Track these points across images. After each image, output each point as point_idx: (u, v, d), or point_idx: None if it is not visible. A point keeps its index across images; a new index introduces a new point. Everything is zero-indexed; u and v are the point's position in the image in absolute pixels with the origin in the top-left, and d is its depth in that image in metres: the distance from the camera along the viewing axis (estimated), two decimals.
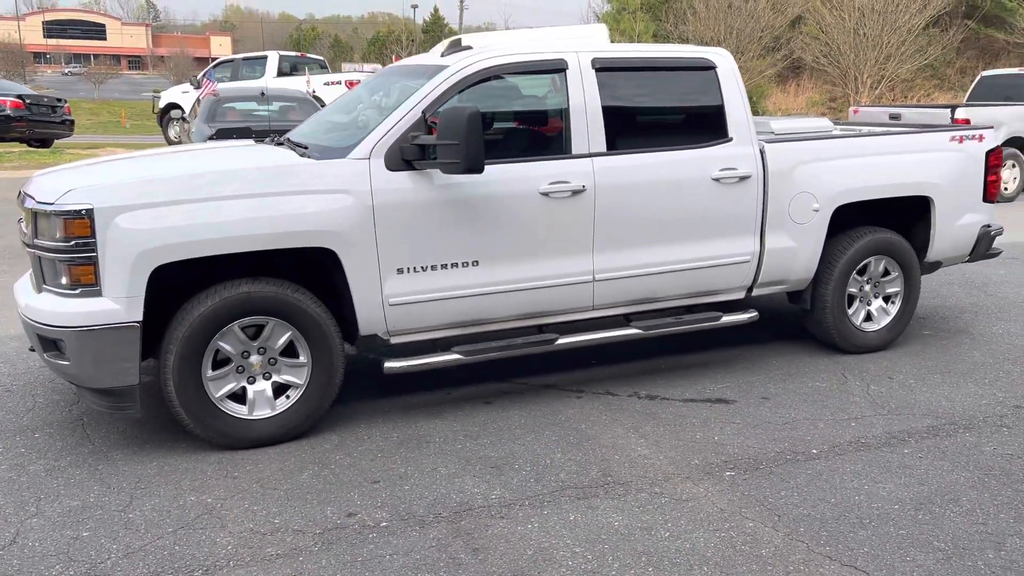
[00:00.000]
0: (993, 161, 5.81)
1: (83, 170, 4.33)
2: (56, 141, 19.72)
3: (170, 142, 20.03)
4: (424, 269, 4.36)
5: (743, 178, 5.00)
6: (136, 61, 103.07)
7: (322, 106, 12.40)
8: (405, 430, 4.40)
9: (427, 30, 74.35)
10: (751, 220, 5.08)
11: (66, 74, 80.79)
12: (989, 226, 5.92)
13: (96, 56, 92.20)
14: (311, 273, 4.34)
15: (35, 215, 3.92)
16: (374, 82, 5.55)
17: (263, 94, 11.69)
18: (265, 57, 19.61)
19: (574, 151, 4.64)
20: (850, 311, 5.56)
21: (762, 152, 5.09)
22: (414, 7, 72.27)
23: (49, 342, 3.95)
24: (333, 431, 4.38)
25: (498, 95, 4.72)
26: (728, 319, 5.15)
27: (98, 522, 3.46)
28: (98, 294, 3.83)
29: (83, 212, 3.77)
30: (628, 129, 4.83)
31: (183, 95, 19.67)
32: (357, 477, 3.87)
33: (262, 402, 4.19)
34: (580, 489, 3.74)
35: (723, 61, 5.12)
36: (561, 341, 4.73)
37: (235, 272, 4.10)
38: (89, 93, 53.17)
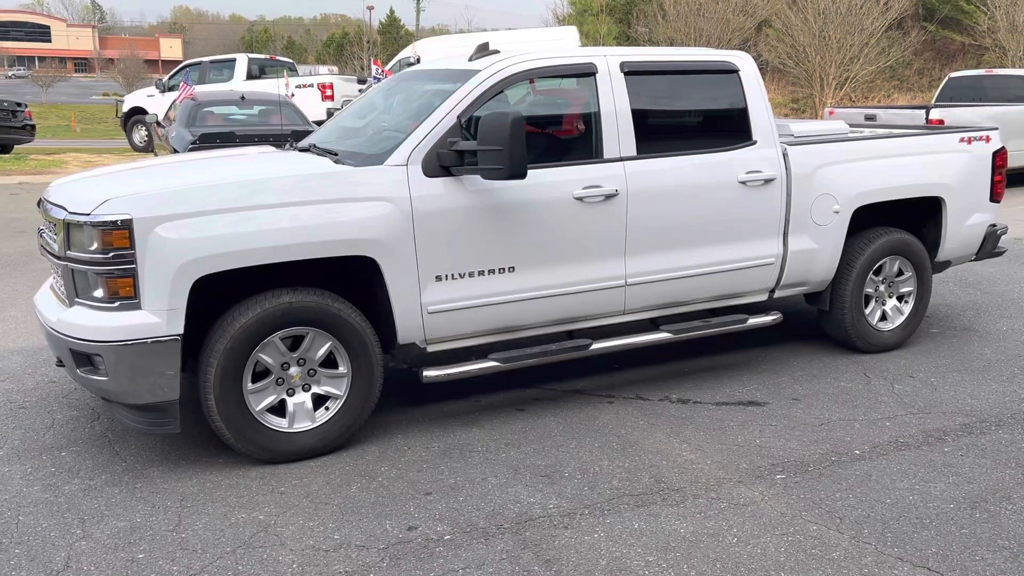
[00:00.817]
0: (999, 162, 5.92)
1: (114, 178, 4.19)
2: (16, 147, 19.16)
3: (135, 148, 19.60)
4: (462, 276, 4.30)
5: (768, 181, 5.02)
6: (83, 64, 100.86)
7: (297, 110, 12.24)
8: (444, 439, 4.34)
9: (383, 32, 73.95)
10: (775, 222, 5.11)
11: (10, 77, 78.74)
12: (995, 225, 6.04)
13: (41, 59, 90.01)
14: (343, 282, 4.26)
15: (68, 226, 3.79)
16: (390, 87, 5.48)
17: (243, 98, 11.49)
18: (234, 60, 19.28)
19: (605, 155, 4.62)
20: (867, 311, 5.62)
21: (785, 155, 5.12)
22: (369, 8, 71.69)
23: (83, 357, 3.82)
24: (371, 442, 4.30)
25: (530, 99, 4.67)
26: (754, 321, 5.18)
27: (151, 543, 3.35)
28: (137, 307, 3.71)
29: (122, 222, 3.65)
30: (656, 133, 4.83)
31: (148, 99, 19.24)
32: (408, 489, 3.80)
33: (302, 414, 4.10)
34: (636, 496, 3.72)
35: (745, 64, 5.14)
36: (595, 346, 4.70)
37: (268, 282, 4.00)
38: (36, 96, 51.85)
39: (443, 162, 4.21)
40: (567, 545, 3.33)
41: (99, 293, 3.74)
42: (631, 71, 4.75)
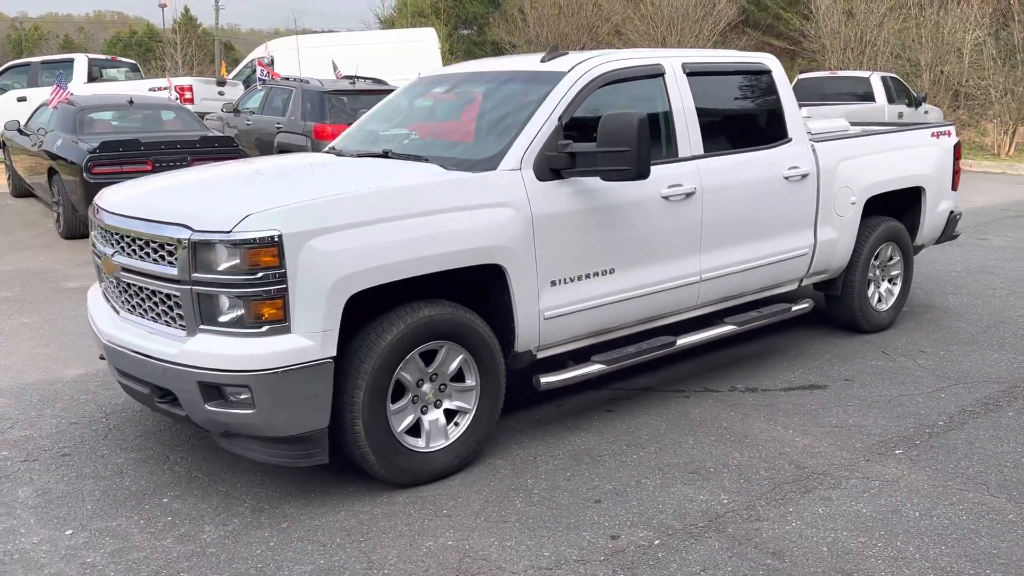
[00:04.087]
0: (957, 154, 6.56)
1: (224, 189, 3.79)
2: None
3: None
4: (572, 280, 4.25)
5: (804, 176, 5.31)
6: None
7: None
8: (564, 446, 4.27)
9: (176, 30, 69.86)
10: (810, 215, 5.41)
11: None
12: (954, 211, 6.68)
13: None
14: (458, 291, 4.08)
15: (195, 246, 3.39)
16: (418, 90, 5.28)
17: (131, 101, 10.56)
18: (71, 60, 17.56)
19: (680, 154, 4.72)
20: (868, 294, 6.06)
21: (814, 151, 5.43)
22: (162, 6, 67.53)
23: (213, 391, 3.45)
24: (493, 455, 4.16)
25: (611, 99, 4.65)
26: (795, 309, 5.46)
27: None
28: (287, 330, 3.39)
29: (271, 239, 3.32)
30: (712, 132, 4.96)
31: None
32: (573, 499, 3.72)
33: (436, 432, 3.90)
34: (794, 484, 3.84)
35: (775, 65, 5.41)
36: (680, 342, 4.79)
37: (388, 297, 3.77)
38: None
39: (553, 165, 4.14)
40: (777, 536, 3.40)
41: (238, 318, 3.39)
42: (691, 72, 4.87)
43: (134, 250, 3.72)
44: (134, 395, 3.94)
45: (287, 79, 12.50)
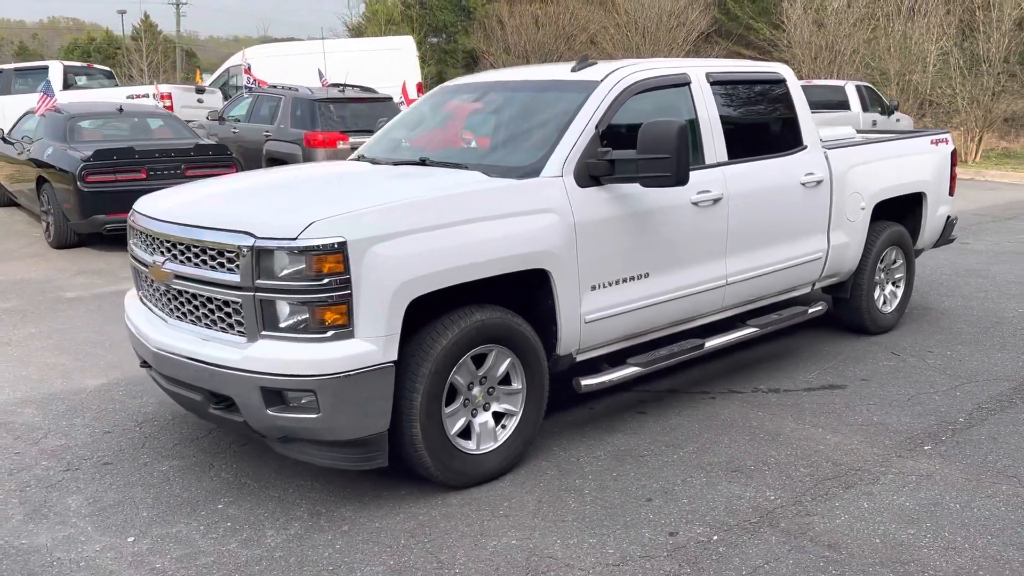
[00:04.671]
0: (954, 161, 6.79)
1: (279, 196, 3.82)
2: None
3: None
4: (610, 284, 4.35)
5: (819, 182, 5.46)
6: None
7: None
8: (604, 448, 4.35)
9: (136, 37, 69.09)
10: (824, 220, 5.57)
11: None
12: (950, 216, 6.90)
13: None
14: (501, 296, 4.15)
15: (259, 252, 3.43)
16: (442, 99, 5.36)
17: (121, 109, 10.47)
18: (46, 68, 17.30)
19: (706, 161, 4.84)
20: (875, 296, 6.24)
21: (827, 158, 5.59)
22: (122, 13, 66.74)
23: (275, 396, 3.48)
24: (537, 457, 4.23)
25: (640, 108, 4.76)
26: (812, 311, 5.61)
27: None
28: (350, 335, 3.44)
29: (336, 245, 3.37)
30: (734, 139, 5.08)
31: None
32: (624, 498, 3.81)
33: (486, 434, 3.97)
34: (835, 480, 3.97)
35: (789, 75, 5.56)
36: (707, 345, 4.90)
37: (448, 301, 3.83)
38: None
39: (593, 171, 4.24)
40: (829, 529, 3.51)
41: (302, 323, 3.43)
42: (714, 81, 5.00)
43: (188, 257, 3.74)
44: (183, 402, 3.95)
45: (275, 87, 12.46)
